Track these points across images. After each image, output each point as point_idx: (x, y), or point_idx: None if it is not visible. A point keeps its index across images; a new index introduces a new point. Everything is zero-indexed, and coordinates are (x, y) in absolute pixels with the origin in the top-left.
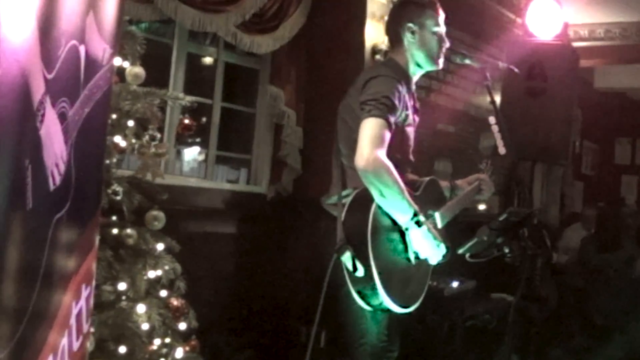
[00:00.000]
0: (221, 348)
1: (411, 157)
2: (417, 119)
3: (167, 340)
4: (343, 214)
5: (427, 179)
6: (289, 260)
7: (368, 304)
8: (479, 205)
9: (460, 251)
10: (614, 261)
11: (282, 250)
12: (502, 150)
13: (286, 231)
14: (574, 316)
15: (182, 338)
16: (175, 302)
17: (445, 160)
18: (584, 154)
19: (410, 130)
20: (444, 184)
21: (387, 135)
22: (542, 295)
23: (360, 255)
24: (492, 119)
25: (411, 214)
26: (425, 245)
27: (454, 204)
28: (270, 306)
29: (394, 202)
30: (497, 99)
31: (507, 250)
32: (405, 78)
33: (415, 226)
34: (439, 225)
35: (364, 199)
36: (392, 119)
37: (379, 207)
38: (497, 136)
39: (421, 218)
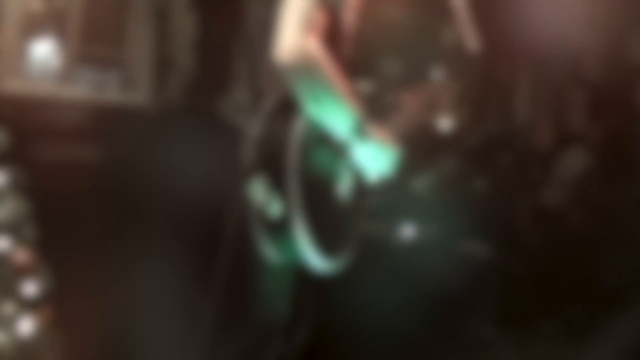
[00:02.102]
0: (86, 316)
1: (347, 52)
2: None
3: (9, 308)
4: (258, 128)
5: None
6: (179, 196)
7: (281, 254)
8: (439, 122)
9: (417, 185)
10: (627, 198)
11: (171, 185)
12: (471, 45)
13: (176, 157)
14: (572, 276)
15: (31, 305)
16: (21, 255)
17: (392, 59)
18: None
19: (349, 17)
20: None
21: (319, 18)
22: (528, 247)
23: (277, 184)
24: (458, 1)
25: (354, 120)
26: (377, 161)
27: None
28: (153, 258)
29: (331, 108)
30: None
31: (479, 185)
32: None
33: (360, 138)
34: None
35: (286, 106)
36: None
37: (309, 119)
38: (465, 24)
39: (366, 124)
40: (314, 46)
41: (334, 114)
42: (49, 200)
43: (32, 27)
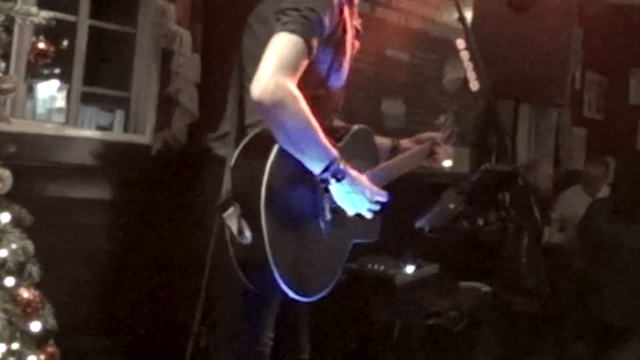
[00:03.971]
0: (87, 354)
1: (339, 100)
2: (357, 44)
3: (15, 345)
4: (234, 158)
5: (356, 127)
6: (181, 236)
7: (253, 283)
8: (443, 162)
9: (418, 224)
10: (634, 236)
11: (172, 223)
12: (474, 85)
13: (177, 196)
14: (573, 313)
15: (36, 343)
16: (25, 293)
17: (395, 99)
18: (587, 91)
19: (341, 61)
20: (385, 141)
21: (303, 62)
22: (530, 285)
23: (249, 213)
24: (460, 43)
25: (327, 162)
26: (352, 201)
27: (391, 166)
28: (153, 299)
29: (302, 145)
30: (468, 14)
31: (481, 223)
32: None
33: (333, 180)
34: None
35: (264, 139)
36: (314, 42)
37: (284, 151)
38: (468, 66)
39: (341, 167)
40: (291, 86)
41: (306, 153)
42: (53, 239)
43: (38, 66)
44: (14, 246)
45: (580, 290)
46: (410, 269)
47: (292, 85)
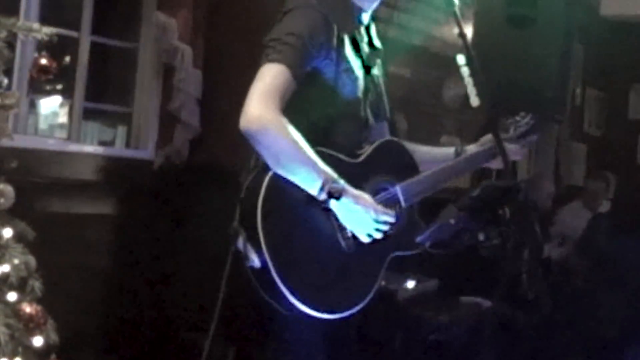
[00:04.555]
0: None
1: (361, 113)
2: (377, 60)
3: None
4: (243, 188)
5: (380, 140)
6: (183, 251)
7: (278, 304)
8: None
9: (419, 239)
10: (634, 250)
11: (175, 238)
12: (474, 101)
13: (180, 211)
14: (575, 327)
15: (38, 358)
16: (28, 308)
17: (397, 115)
18: (587, 107)
19: (354, 78)
20: (446, 151)
21: (287, 88)
22: (530, 299)
23: (252, 237)
24: (461, 59)
25: (320, 182)
26: (355, 220)
27: (434, 174)
28: (157, 313)
29: (292, 168)
30: (469, 30)
31: (481, 238)
32: (347, 8)
33: (332, 198)
34: (403, 204)
35: (266, 169)
36: (298, 65)
37: (280, 176)
38: (468, 82)
39: (336, 185)
40: (274, 113)
41: (298, 174)
42: (55, 254)
43: (40, 82)
44: (16, 261)
45: (580, 304)
46: (411, 284)
47: (275, 112)
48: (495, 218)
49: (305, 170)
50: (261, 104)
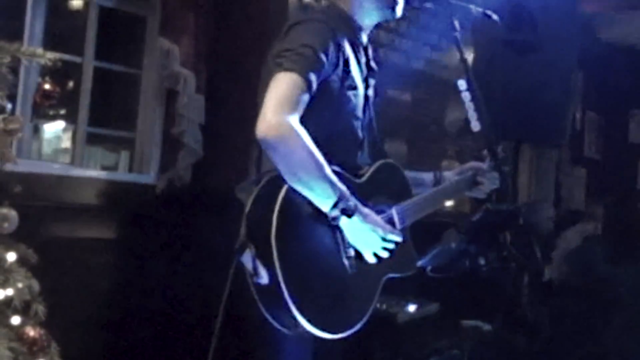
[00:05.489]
0: None
1: (358, 132)
2: (372, 81)
3: None
4: (249, 203)
5: (379, 162)
6: (187, 274)
7: (280, 323)
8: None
9: (420, 263)
10: (628, 275)
11: (178, 261)
12: (475, 126)
13: (183, 235)
14: (575, 351)
15: None
16: (31, 332)
17: (397, 140)
18: (588, 131)
19: (355, 95)
20: (426, 176)
21: (303, 97)
22: (531, 323)
23: (263, 255)
24: (462, 84)
25: (335, 198)
26: (364, 239)
27: (424, 199)
28: (161, 337)
29: (308, 181)
30: (470, 56)
31: (482, 262)
32: (349, 28)
33: (343, 216)
34: (398, 225)
35: (277, 182)
36: (312, 77)
37: (295, 192)
38: (469, 107)
39: (350, 203)
40: (293, 122)
41: (313, 189)
42: (59, 278)
43: (44, 107)
44: (20, 285)
45: (579, 327)
46: (412, 307)
47: (294, 122)
48: (496, 242)
49: (322, 184)
50: (280, 112)
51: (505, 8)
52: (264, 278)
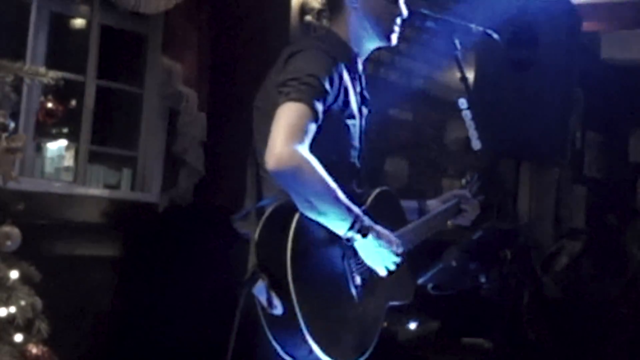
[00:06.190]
0: None
1: (355, 161)
2: (365, 110)
3: None
4: (257, 232)
5: (377, 189)
6: (189, 293)
7: (291, 355)
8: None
9: (421, 281)
10: (615, 292)
11: (180, 280)
12: (476, 144)
13: (185, 254)
14: None
15: None
16: (34, 349)
17: (398, 159)
18: (588, 150)
19: (353, 124)
20: (410, 204)
21: (311, 127)
22: (532, 340)
23: (278, 285)
24: (462, 102)
25: (351, 220)
26: (378, 255)
27: (418, 226)
28: (163, 355)
29: (324, 208)
30: (470, 75)
31: (483, 280)
32: (347, 56)
33: (359, 236)
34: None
35: (285, 210)
36: (319, 106)
37: (306, 219)
38: (470, 125)
39: (365, 222)
40: (304, 152)
41: (329, 214)
42: (61, 295)
43: (47, 125)
44: (22, 303)
45: (580, 342)
46: (413, 325)
47: (304, 151)
48: (497, 260)
49: (337, 209)
50: (290, 143)
51: (505, 26)
52: (278, 308)
